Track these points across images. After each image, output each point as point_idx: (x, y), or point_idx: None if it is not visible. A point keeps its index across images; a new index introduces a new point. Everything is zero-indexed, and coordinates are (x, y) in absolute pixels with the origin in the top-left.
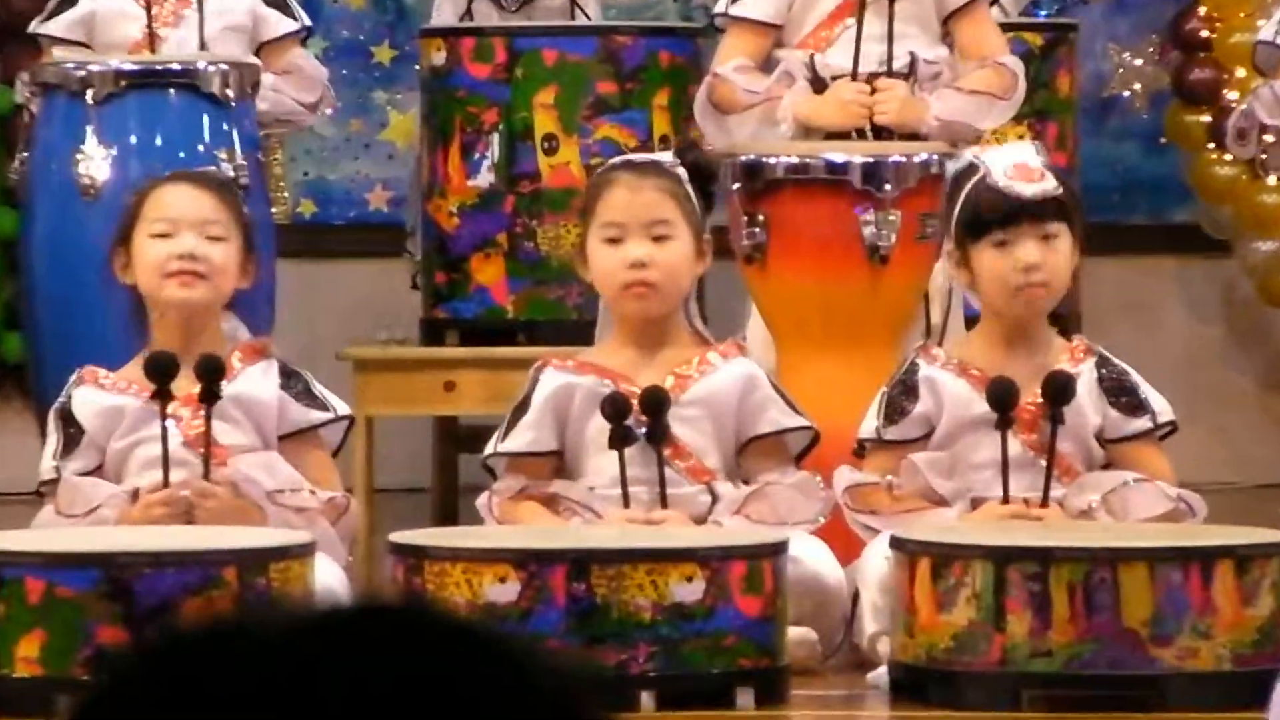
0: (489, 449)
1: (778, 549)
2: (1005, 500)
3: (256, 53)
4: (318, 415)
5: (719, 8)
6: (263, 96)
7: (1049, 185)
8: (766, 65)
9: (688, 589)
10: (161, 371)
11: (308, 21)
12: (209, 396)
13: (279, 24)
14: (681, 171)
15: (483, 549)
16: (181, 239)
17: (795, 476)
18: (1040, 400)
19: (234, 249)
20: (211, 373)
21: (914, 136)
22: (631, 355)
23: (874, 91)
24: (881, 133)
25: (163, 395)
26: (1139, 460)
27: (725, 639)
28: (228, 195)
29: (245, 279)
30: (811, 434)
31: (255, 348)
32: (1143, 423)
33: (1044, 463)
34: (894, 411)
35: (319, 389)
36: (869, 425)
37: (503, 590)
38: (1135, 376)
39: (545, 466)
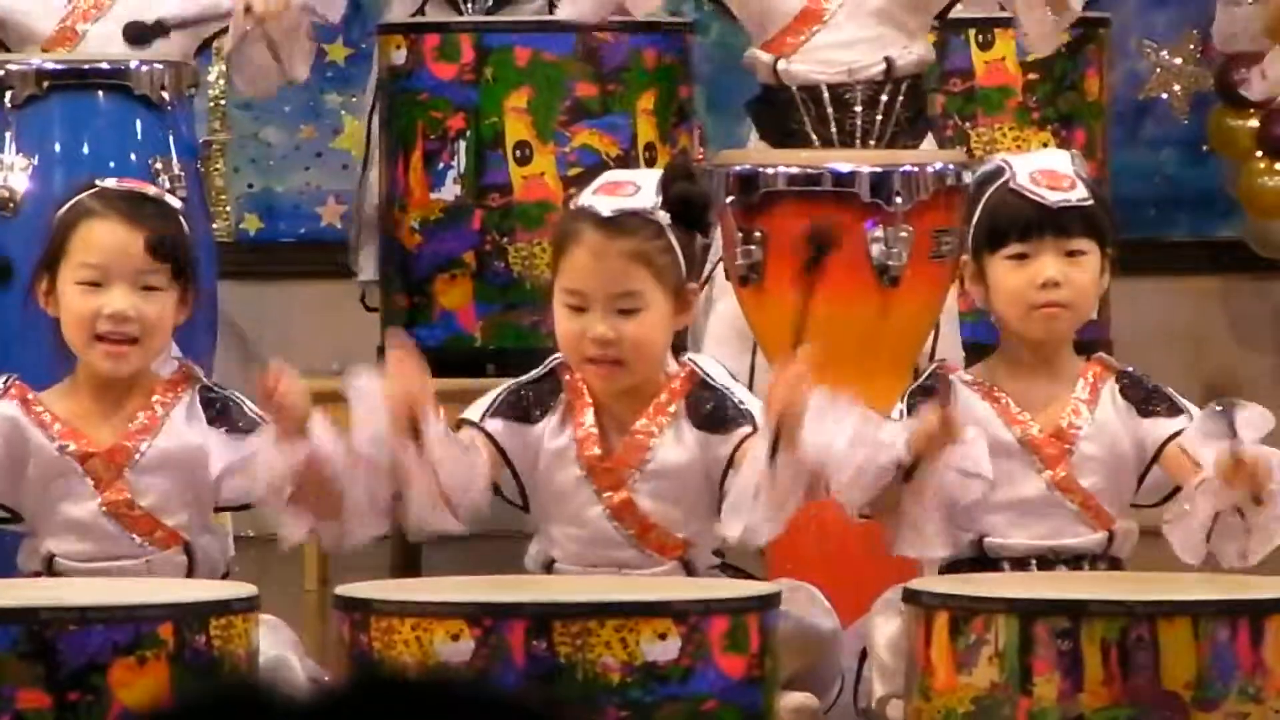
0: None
1: (766, 602)
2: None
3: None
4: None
5: None
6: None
7: (1077, 194)
8: None
9: (661, 647)
10: None
11: None
12: None
13: None
14: (663, 216)
15: (433, 603)
16: (111, 294)
17: None
18: (1060, 429)
19: (172, 297)
20: None
21: None
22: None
23: None
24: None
25: None
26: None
27: (704, 703)
28: (167, 227)
29: (184, 311)
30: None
31: (176, 380)
32: (1185, 420)
33: (1071, 505)
34: (918, 408)
35: (250, 407)
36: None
37: (455, 649)
38: (1167, 389)
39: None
